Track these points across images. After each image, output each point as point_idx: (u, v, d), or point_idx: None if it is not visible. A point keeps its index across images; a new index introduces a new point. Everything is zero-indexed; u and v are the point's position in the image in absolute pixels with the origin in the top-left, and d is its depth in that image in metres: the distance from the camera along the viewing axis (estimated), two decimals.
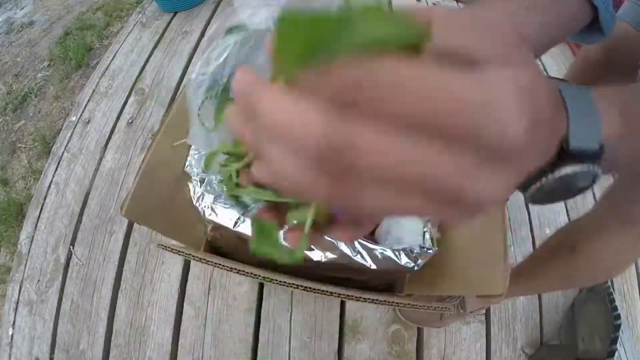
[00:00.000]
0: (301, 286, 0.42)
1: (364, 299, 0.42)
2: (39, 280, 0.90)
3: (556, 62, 1.28)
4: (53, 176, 1.05)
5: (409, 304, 0.44)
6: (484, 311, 0.82)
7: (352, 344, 0.78)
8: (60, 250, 0.92)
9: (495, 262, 0.42)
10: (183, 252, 0.44)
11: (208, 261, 0.44)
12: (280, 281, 0.42)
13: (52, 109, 1.43)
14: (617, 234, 0.43)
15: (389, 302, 0.44)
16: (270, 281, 0.43)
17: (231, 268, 0.44)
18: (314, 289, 0.42)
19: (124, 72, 1.24)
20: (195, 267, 0.87)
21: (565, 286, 0.77)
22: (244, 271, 0.43)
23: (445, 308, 0.42)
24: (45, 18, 1.82)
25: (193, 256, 0.44)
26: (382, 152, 0.11)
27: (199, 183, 0.49)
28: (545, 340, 0.82)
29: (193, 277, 0.85)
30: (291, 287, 0.42)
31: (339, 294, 0.42)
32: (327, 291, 0.42)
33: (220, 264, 0.44)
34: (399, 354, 0.78)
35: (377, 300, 0.43)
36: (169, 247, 0.44)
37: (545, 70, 1.27)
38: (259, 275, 0.43)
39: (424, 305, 0.43)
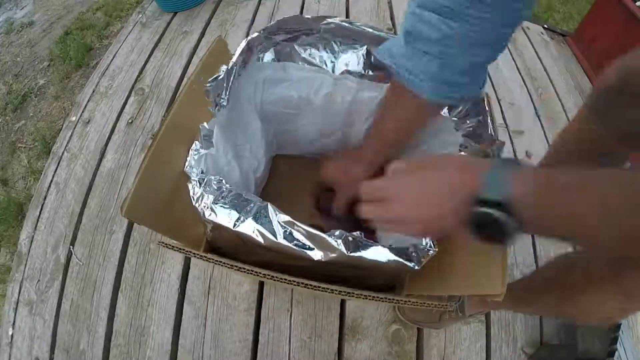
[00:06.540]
0: (302, 283, 0.42)
1: (365, 296, 0.42)
2: (39, 280, 0.90)
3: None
4: (53, 176, 1.05)
5: (408, 301, 0.44)
6: (483, 314, 0.82)
7: (352, 344, 0.78)
8: (60, 250, 0.92)
9: (494, 262, 0.42)
10: (184, 250, 0.44)
11: (209, 259, 0.45)
12: (282, 279, 0.42)
13: (52, 109, 1.43)
14: (612, 297, 0.43)
15: (389, 299, 0.44)
16: (272, 279, 0.43)
17: (231, 265, 0.44)
18: (316, 287, 0.42)
19: (124, 72, 1.24)
20: (195, 267, 0.87)
21: (559, 317, 0.82)
22: (244, 269, 0.43)
23: (444, 306, 0.43)
24: (45, 18, 1.82)
25: (194, 254, 0.45)
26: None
27: (198, 183, 0.49)
28: (545, 340, 0.82)
29: (193, 277, 0.85)
30: (292, 284, 0.42)
31: (340, 292, 0.42)
32: (328, 288, 0.42)
33: (221, 262, 0.45)
34: (399, 354, 0.78)
35: (377, 297, 0.43)
36: (169, 245, 0.44)
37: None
38: (260, 273, 0.43)
39: (424, 303, 0.43)
